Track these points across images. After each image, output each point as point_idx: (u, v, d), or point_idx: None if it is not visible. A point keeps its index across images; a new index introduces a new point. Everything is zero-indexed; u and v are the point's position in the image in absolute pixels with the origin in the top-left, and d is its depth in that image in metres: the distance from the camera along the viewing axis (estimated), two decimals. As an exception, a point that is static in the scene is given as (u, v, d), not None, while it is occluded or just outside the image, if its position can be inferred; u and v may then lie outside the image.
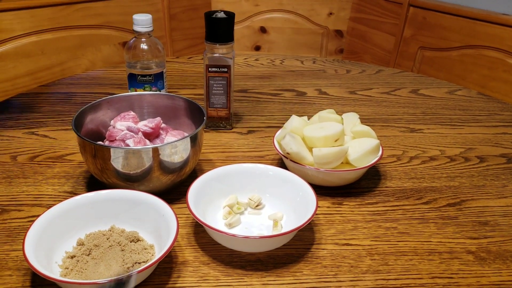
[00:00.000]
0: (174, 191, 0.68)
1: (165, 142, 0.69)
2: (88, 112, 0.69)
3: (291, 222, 0.60)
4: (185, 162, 0.64)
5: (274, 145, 0.72)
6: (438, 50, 1.50)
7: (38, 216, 0.54)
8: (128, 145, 0.65)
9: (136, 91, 0.89)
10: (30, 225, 0.52)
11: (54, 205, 0.55)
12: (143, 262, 0.52)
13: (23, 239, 0.50)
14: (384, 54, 1.70)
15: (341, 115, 0.75)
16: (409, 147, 0.85)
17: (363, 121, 0.82)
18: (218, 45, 0.80)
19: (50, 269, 0.51)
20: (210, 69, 0.82)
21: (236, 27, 0.85)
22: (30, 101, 0.97)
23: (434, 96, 1.08)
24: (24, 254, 0.48)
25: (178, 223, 0.53)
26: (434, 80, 1.19)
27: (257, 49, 1.84)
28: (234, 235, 0.55)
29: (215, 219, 0.62)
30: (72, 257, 0.53)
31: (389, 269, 0.56)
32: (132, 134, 0.67)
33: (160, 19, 1.57)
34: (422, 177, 0.75)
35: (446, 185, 0.73)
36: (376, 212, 0.66)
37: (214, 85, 0.83)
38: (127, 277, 0.46)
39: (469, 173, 0.77)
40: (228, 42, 0.81)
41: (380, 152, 0.70)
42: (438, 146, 0.85)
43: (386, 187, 0.72)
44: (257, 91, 1.07)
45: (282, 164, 0.76)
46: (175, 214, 0.55)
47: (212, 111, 0.86)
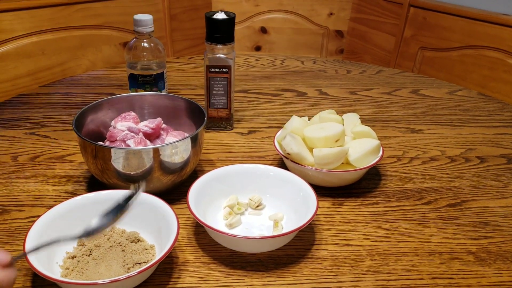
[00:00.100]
0: (174, 192, 0.68)
1: (165, 142, 0.69)
2: (88, 112, 0.69)
3: (292, 222, 0.60)
4: (185, 163, 0.64)
5: (275, 145, 0.72)
6: (438, 50, 1.50)
7: (38, 216, 0.54)
8: (128, 145, 0.66)
9: (136, 92, 0.89)
10: (31, 225, 0.52)
11: (54, 205, 0.56)
12: (144, 262, 0.52)
13: (24, 240, 0.50)
14: (384, 55, 1.70)
15: (341, 116, 0.75)
16: (409, 148, 0.85)
17: (364, 121, 0.82)
18: (219, 45, 0.80)
19: (50, 269, 0.51)
20: (210, 69, 0.82)
21: (236, 28, 0.85)
22: (31, 101, 0.97)
23: (434, 96, 1.08)
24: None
25: (178, 224, 0.53)
26: (434, 80, 1.19)
27: (257, 49, 1.84)
28: (234, 236, 0.55)
29: (216, 220, 0.62)
30: (72, 257, 0.53)
31: (389, 269, 0.56)
32: (132, 134, 0.67)
33: (160, 20, 1.57)
34: (423, 177, 0.75)
35: (446, 185, 0.73)
36: (376, 212, 0.66)
37: (215, 85, 0.84)
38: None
39: (469, 173, 0.77)
40: (228, 43, 0.81)
41: (380, 152, 0.70)
42: (438, 147, 0.85)
43: (387, 188, 0.72)
44: (257, 92, 1.07)
45: (282, 164, 0.76)
46: (176, 215, 0.55)
47: (212, 112, 0.86)
